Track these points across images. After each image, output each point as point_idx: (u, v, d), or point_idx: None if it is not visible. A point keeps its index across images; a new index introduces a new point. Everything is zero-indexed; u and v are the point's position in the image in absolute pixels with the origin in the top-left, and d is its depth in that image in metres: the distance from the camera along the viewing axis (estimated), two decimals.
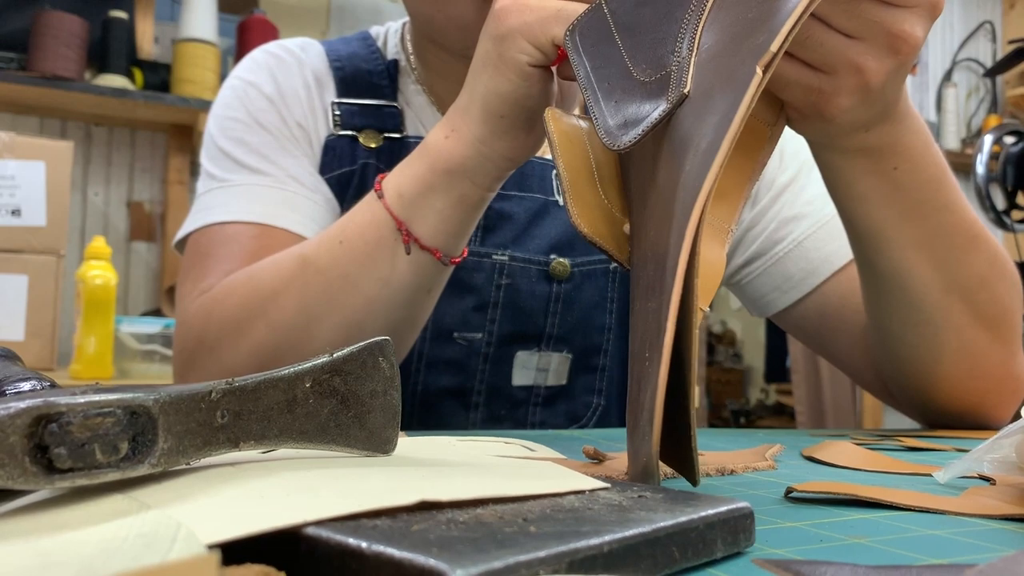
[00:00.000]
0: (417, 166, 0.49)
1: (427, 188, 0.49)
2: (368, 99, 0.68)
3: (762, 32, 0.34)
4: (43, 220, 1.54)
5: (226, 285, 0.56)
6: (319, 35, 2.29)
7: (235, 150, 0.65)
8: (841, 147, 0.47)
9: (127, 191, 2.05)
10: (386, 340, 0.32)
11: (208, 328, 0.56)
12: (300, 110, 0.67)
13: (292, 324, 0.52)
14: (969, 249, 0.53)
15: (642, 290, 0.34)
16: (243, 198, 0.62)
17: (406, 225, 0.49)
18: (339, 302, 0.51)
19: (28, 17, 1.86)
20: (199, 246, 0.62)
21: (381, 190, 0.50)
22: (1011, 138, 2.03)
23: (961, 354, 0.56)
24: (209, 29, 1.96)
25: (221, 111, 0.67)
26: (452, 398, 0.67)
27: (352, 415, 0.30)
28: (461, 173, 0.48)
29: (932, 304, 0.54)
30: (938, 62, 3.10)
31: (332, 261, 0.51)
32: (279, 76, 0.68)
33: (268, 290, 0.53)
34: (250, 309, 0.54)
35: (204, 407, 0.26)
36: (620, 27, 0.41)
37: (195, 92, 1.91)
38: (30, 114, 1.95)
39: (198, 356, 0.57)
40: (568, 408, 0.69)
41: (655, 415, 0.28)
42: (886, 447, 0.49)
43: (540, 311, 0.67)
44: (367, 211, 0.51)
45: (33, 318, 1.51)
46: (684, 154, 0.33)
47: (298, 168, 0.65)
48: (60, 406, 0.22)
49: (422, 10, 0.62)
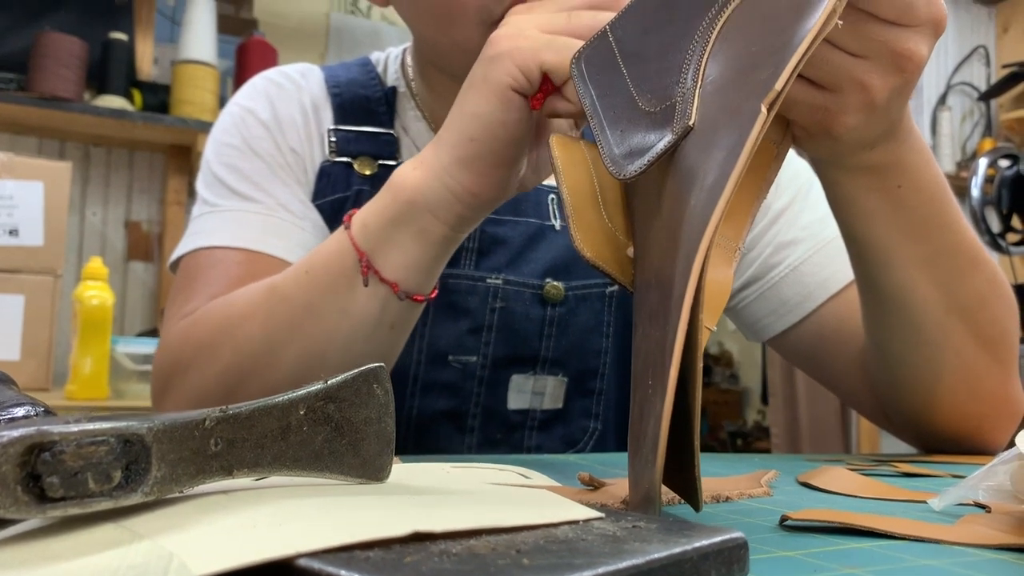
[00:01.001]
0: (383, 197, 0.49)
1: (389, 220, 0.48)
2: (365, 126, 0.69)
3: (767, 67, 0.34)
4: (40, 240, 1.54)
5: (205, 310, 0.57)
6: (318, 57, 2.31)
7: (228, 176, 0.66)
8: (846, 165, 0.48)
9: (125, 211, 2.05)
10: (380, 367, 0.32)
11: (183, 351, 0.56)
12: (296, 137, 0.68)
13: (256, 351, 0.52)
14: (970, 269, 0.54)
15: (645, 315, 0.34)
16: (232, 224, 0.63)
17: (367, 257, 0.49)
18: (301, 331, 0.51)
19: (28, 38, 1.87)
20: (187, 270, 0.64)
21: (349, 221, 0.50)
22: (1006, 161, 2.04)
23: (960, 375, 0.56)
24: (208, 51, 1.97)
25: (218, 136, 0.68)
26: (447, 422, 0.67)
27: (346, 442, 0.30)
28: (423, 205, 0.48)
29: (933, 324, 0.54)
30: (933, 86, 3.13)
31: (297, 290, 0.51)
32: (277, 103, 0.69)
33: (237, 316, 0.54)
34: (220, 334, 0.54)
35: (198, 435, 0.26)
36: (626, 56, 0.42)
37: (194, 113, 1.92)
38: (29, 134, 1.96)
39: (172, 379, 0.57)
40: (565, 432, 0.69)
41: (659, 445, 0.28)
42: (881, 473, 0.49)
43: (535, 334, 0.67)
44: (334, 242, 0.51)
45: (29, 338, 1.51)
46: (690, 187, 0.33)
47: (288, 196, 0.66)
48: (53, 435, 0.22)
49: (427, 34, 0.62)
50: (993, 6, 3.26)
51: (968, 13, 3.24)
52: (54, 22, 1.92)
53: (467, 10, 0.56)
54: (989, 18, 3.27)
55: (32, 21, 1.93)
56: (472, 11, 0.56)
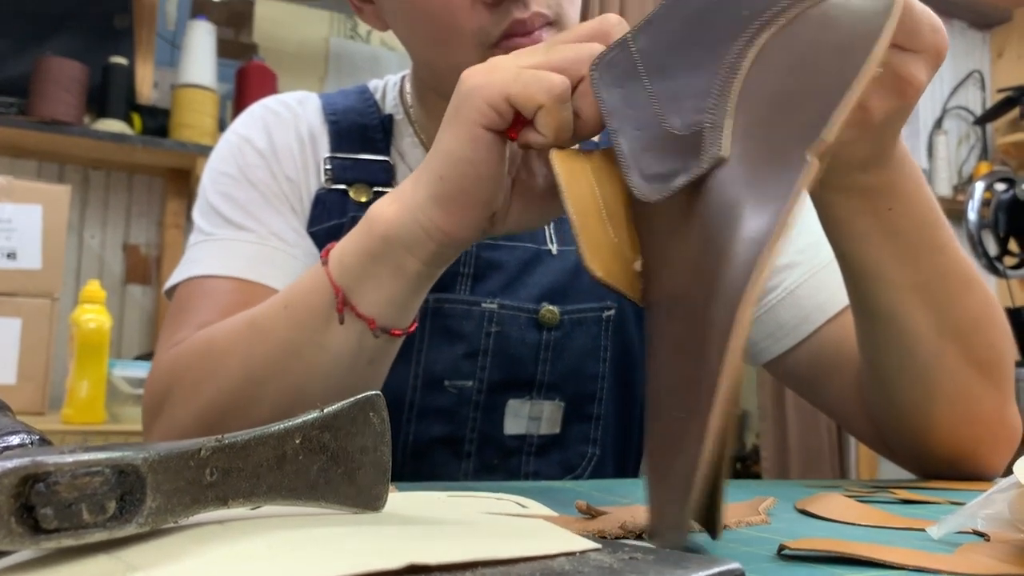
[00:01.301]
0: (359, 232, 0.48)
1: (366, 256, 0.48)
2: (361, 153, 0.69)
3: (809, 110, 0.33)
4: (38, 263, 1.54)
5: (190, 343, 0.57)
6: (317, 81, 2.32)
7: (223, 205, 0.66)
8: (837, 185, 0.48)
9: (123, 234, 2.06)
10: (377, 395, 0.32)
11: (167, 385, 0.57)
12: (292, 165, 0.68)
13: (237, 387, 0.52)
14: (964, 292, 0.54)
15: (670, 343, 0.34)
16: (224, 253, 0.64)
17: (344, 292, 0.48)
18: (281, 367, 0.51)
19: (29, 63, 1.88)
20: (180, 300, 0.64)
21: (327, 257, 0.49)
22: (1002, 185, 2.06)
23: (956, 399, 0.56)
24: (208, 75, 1.98)
25: (215, 165, 0.69)
26: (444, 447, 0.67)
27: (342, 471, 0.30)
28: (398, 242, 0.47)
29: (927, 347, 0.54)
30: (928, 110, 3.15)
31: (275, 325, 0.51)
32: (274, 131, 0.69)
33: (219, 352, 0.54)
34: (201, 371, 0.54)
35: (193, 465, 0.26)
36: (649, 68, 0.40)
37: (193, 137, 1.93)
38: (28, 158, 1.96)
39: (158, 411, 0.57)
40: (562, 458, 0.69)
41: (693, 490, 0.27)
42: (879, 499, 0.49)
43: (530, 359, 0.67)
44: (312, 277, 0.50)
45: (26, 362, 1.51)
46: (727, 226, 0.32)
47: (282, 224, 0.66)
48: (48, 466, 0.22)
49: (426, 57, 0.63)
50: (987, 31, 3.29)
51: (963, 38, 3.27)
52: (55, 47, 1.94)
53: (464, 33, 0.56)
54: (983, 43, 3.30)
55: (33, 46, 1.94)
56: (469, 34, 0.56)
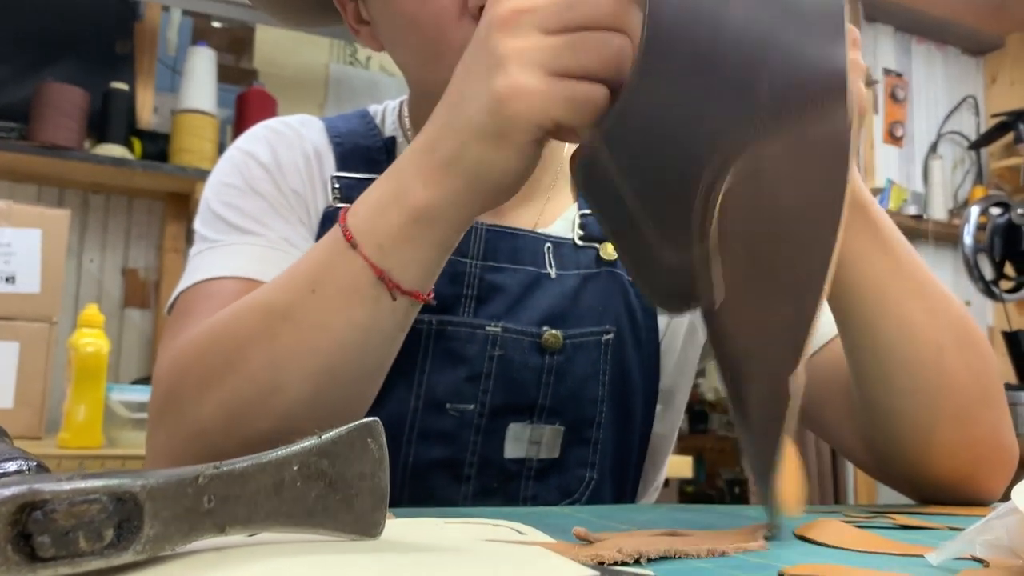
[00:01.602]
0: (395, 216, 0.48)
1: (408, 239, 0.48)
2: (367, 173, 0.69)
3: (789, 287, 0.39)
4: (37, 287, 1.54)
5: (189, 340, 0.55)
6: (316, 107, 2.34)
7: (228, 213, 0.66)
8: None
9: (122, 258, 2.06)
10: (375, 421, 0.32)
11: (175, 384, 0.55)
12: (297, 180, 0.68)
13: (262, 376, 0.51)
14: (947, 304, 0.56)
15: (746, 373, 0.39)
16: (230, 256, 0.63)
17: (387, 274, 0.48)
18: (313, 350, 0.50)
19: (30, 88, 1.89)
20: (183, 305, 0.62)
21: (354, 239, 0.49)
22: (997, 209, 2.07)
23: (956, 419, 0.56)
24: (208, 100, 2.00)
25: (217, 178, 0.69)
26: (443, 470, 0.66)
27: (339, 498, 0.30)
28: (444, 222, 0.48)
29: (928, 362, 0.55)
30: (924, 135, 3.17)
31: (304, 310, 0.50)
32: (278, 147, 0.69)
33: (232, 344, 0.52)
34: (216, 365, 0.52)
35: (191, 492, 0.26)
36: (629, 185, 0.42)
37: (193, 161, 1.94)
38: (28, 182, 1.97)
39: (166, 412, 0.56)
40: (560, 482, 0.69)
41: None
42: (878, 525, 0.49)
43: (533, 383, 0.67)
44: (340, 260, 0.49)
45: (23, 386, 1.50)
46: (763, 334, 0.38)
47: (291, 231, 0.66)
48: (45, 493, 0.22)
49: (418, 74, 0.64)
50: (981, 57, 3.32)
51: (957, 64, 3.30)
52: (56, 72, 1.95)
53: (452, 47, 0.57)
54: (977, 69, 3.34)
55: (34, 71, 1.96)
56: (457, 48, 0.56)
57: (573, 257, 0.70)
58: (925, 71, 3.21)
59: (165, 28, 2.18)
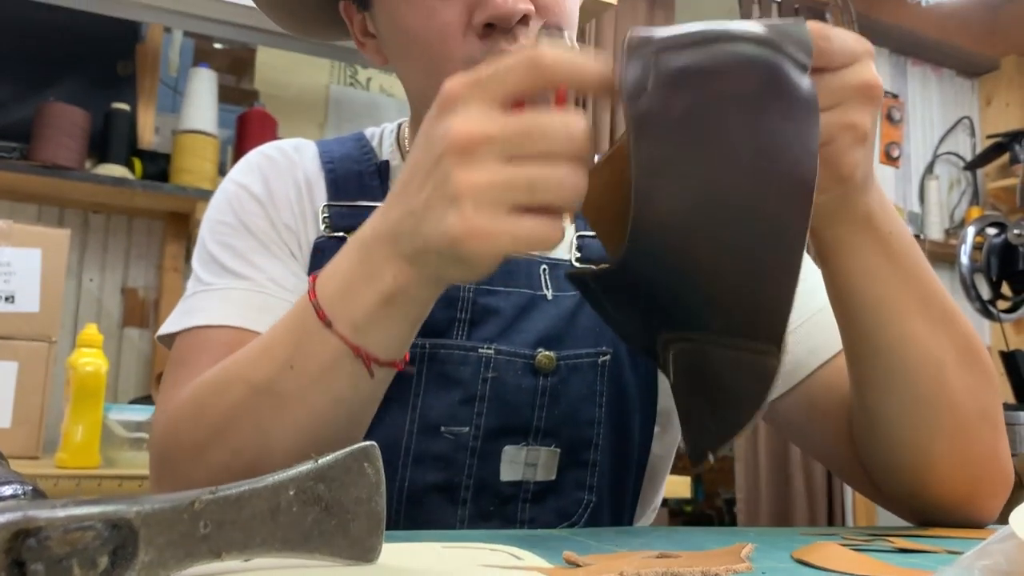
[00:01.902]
0: (367, 297, 0.48)
1: (383, 318, 0.48)
2: (358, 199, 0.70)
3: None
4: (36, 307, 1.54)
5: (181, 405, 0.57)
6: (317, 127, 2.35)
7: (221, 254, 0.67)
8: (850, 215, 0.51)
9: (122, 277, 2.06)
10: (372, 445, 0.32)
11: (170, 449, 0.57)
12: (289, 213, 0.69)
13: (247, 448, 0.53)
14: (952, 320, 0.56)
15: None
16: (221, 303, 0.64)
17: (363, 349, 0.49)
18: (295, 422, 0.51)
19: (31, 108, 1.90)
20: (179, 352, 0.65)
21: (328, 318, 0.49)
22: (993, 229, 2.07)
23: (954, 437, 0.56)
24: (209, 121, 2.01)
25: (213, 214, 0.70)
26: (439, 494, 0.66)
27: (336, 523, 0.30)
28: (417, 302, 0.48)
29: (928, 377, 0.55)
30: (920, 155, 3.18)
31: (285, 385, 0.51)
32: (271, 178, 0.70)
33: (222, 419, 0.53)
34: (205, 436, 0.54)
35: (187, 517, 0.26)
36: (616, 315, 0.50)
37: (193, 181, 1.94)
38: (29, 201, 1.98)
39: (163, 474, 0.58)
40: (558, 505, 0.69)
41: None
42: (877, 548, 0.49)
43: (527, 404, 0.67)
44: (316, 338, 0.49)
45: (21, 405, 1.50)
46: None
47: (280, 270, 0.67)
48: (39, 520, 0.22)
49: (419, 85, 0.66)
50: (976, 79, 3.35)
51: (952, 85, 3.32)
52: (58, 92, 1.96)
53: (455, 61, 0.59)
54: (972, 90, 3.36)
55: (36, 91, 1.97)
56: (459, 62, 0.59)
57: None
58: (921, 92, 3.23)
59: (167, 49, 2.19)
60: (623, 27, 2.50)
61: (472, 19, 0.59)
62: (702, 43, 0.41)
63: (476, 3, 0.59)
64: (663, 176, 0.41)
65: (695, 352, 0.46)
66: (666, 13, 2.61)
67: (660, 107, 0.40)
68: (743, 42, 0.41)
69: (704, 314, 0.44)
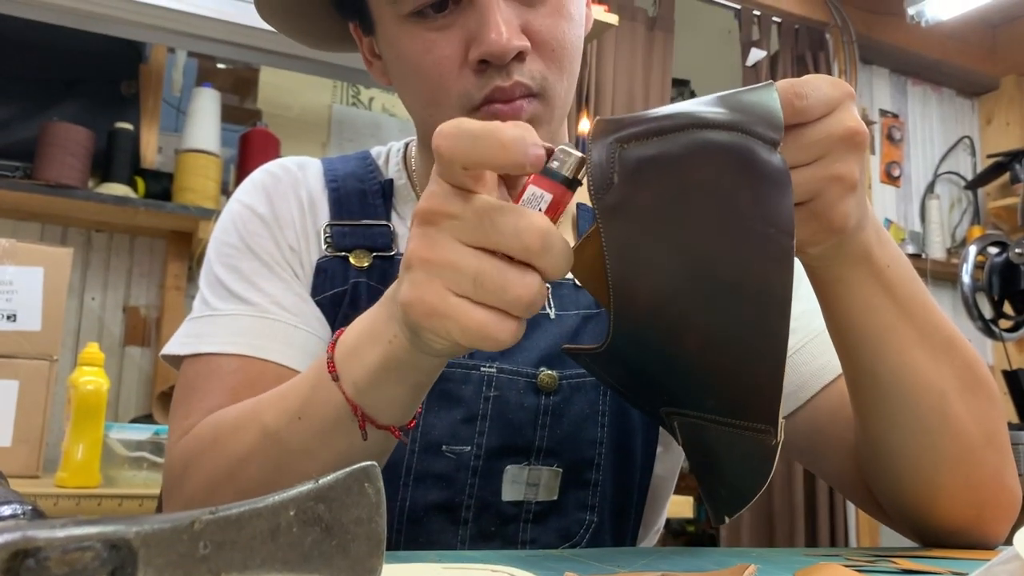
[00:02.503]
0: (369, 357, 0.49)
1: (381, 381, 0.49)
2: (360, 218, 0.70)
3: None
4: (38, 325, 1.54)
5: (198, 438, 0.59)
6: (319, 147, 2.36)
7: (227, 277, 0.68)
8: (848, 257, 0.50)
9: (124, 296, 2.06)
10: (372, 465, 0.32)
11: (182, 484, 0.59)
12: (292, 233, 0.70)
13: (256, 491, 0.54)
14: (953, 347, 0.56)
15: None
16: (226, 329, 0.65)
17: (362, 409, 0.50)
18: (300, 472, 0.53)
19: (35, 127, 1.91)
20: (187, 378, 0.65)
21: (336, 372, 0.50)
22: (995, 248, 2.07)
23: (959, 463, 0.56)
24: (212, 140, 2.02)
25: (219, 235, 0.71)
26: (440, 514, 0.66)
27: (336, 544, 0.30)
28: (414, 369, 0.48)
29: (931, 407, 0.55)
30: (921, 175, 3.19)
31: (291, 435, 0.53)
32: (275, 198, 0.71)
33: (235, 458, 0.55)
34: (219, 475, 0.56)
35: (186, 538, 0.26)
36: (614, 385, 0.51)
37: (196, 200, 1.95)
38: (32, 220, 1.98)
39: (177, 502, 0.60)
40: (560, 525, 0.68)
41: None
42: (880, 570, 0.48)
43: (529, 424, 0.67)
44: (323, 391, 0.51)
45: (22, 424, 1.49)
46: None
47: (285, 292, 0.67)
48: (38, 540, 0.22)
49: (419, 114, 0.66)
50: (976, 99, 3.36)
51: (952, 105, 3.34)
52: (61, 112, 1.97)
53: (450, 95, 0.61)
54: (972, 110, 3.37)
55: (40, 111, 1.98)
56: (455, 96, 0.61)
57: (573, 298, 0.71)
58: (921, 112, 3.24)
59: (170, 69, 2.21)
60: (623, 48, 2.51)
61: (468, 55, 0.60)
62: (667, 131, 0.40)
63: (472, 39, 0.59)
64: (637, 264, 0.41)
65: (696, 428, 0.46)
66: (665, 35, 2.63)
67: (628, 199, 0.40)
68: (709, 129, 0.40)
69: (697, 394, 0.44)
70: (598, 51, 2.47)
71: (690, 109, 0.40)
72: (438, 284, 0.41)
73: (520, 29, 0.60)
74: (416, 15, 0.61)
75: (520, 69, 0.60)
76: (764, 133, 0.40)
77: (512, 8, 0.60)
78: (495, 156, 0.40)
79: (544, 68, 0.62)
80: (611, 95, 2.46)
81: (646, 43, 2.58)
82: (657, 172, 0.40)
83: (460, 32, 0.60)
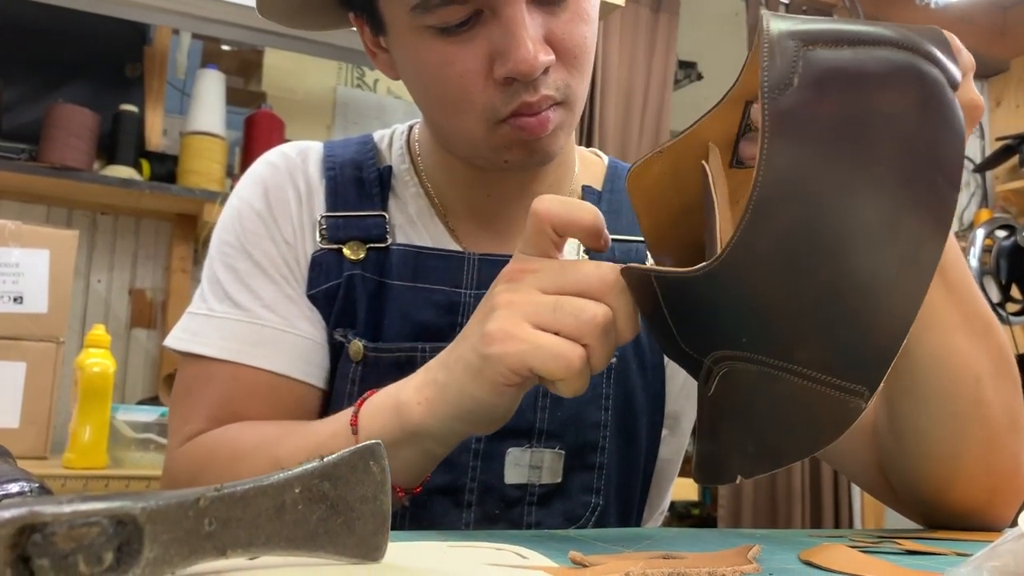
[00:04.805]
0: (390, 422, 0.53)
1: (396, 442, 0.52)
2: (356, 207, 0.70)
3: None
4: (44, 307, 1.55)
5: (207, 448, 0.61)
6: (324, 129, 2.35)
7: (224, 276, 0.69)
8: None
9: (130, 278, 2.07)
10: (377, 443, 0.32)
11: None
12: (289, 227, 0.70)
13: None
14: (991, 332, 0.55)
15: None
16: (219, 332, 0.67)
17: None
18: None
19: (41, 110, 1.91)
20: (184, 378, 0.68)
21: (357, 426, 0.54)
22: (1003, 232, 2.06)
23: (983, 448, 0.56)
24: (217, 122, 2.01)
25: (219, 233, 0.71)
26: (444, 497, 0.66)
27: (341, 521, 0.30)
28: (428, 436, 0.52)
29: (965, 393, 0.55)
30: None
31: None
32: (272, 190, 0.70)
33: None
34: None
35: (192, 515, 0.26)
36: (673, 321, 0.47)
37: (200, 183, 1.95)
38: (38, 203, 1.98)
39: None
40: (565, 508, 0.68)
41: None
42: (885, 551, 0.48)
43: (529, 405, 0.67)
44: (341, 439, 0.54)
45: (29, 405, 1.50)
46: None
47: (276, 295, 0.68)
48: (45, 516, 0.22)
49: (434, 117, 0.65)
50: (985, 81, 3.33)
51: None
52: (67, 94, 1.97)
53: (475, 106, 0.59)
54: (982, 92, 3.34)
55: (45, 93, 1.98)
56: (479, 108, 0.59)
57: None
58: None
59: (175, 51, 2.20)
60: (627, 30, 2.50)
61: (493, 70, 0.58)
62: (860, 44, 0.37)
63: (497, 54, 0.57)
64: (794, 184, 0.36)
65: (757, 375, 0.40)
66: (670, 17, 2.61)
67: (804, 107, 0.36)
68: (906, 51, 0.37)
69: (790, 342, 0.39)
70: (603, 33, 2.45)
71: (879, 28, 0.37)
72: (519, 317, 0.47)
73: (544, 39, 0.58)
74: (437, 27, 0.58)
75: (546, 82, 0.58)
76: (954, 76, 0.38)
77: (536, 19, 0.58)
78: (582, 218, 0.48)
79: (567, 76, 0.60)
80: (615, 77, 2.45)
81: (651, 25, 2.56)
82: (844, 84, 0.36)
83: (484, 45, 0.57)
